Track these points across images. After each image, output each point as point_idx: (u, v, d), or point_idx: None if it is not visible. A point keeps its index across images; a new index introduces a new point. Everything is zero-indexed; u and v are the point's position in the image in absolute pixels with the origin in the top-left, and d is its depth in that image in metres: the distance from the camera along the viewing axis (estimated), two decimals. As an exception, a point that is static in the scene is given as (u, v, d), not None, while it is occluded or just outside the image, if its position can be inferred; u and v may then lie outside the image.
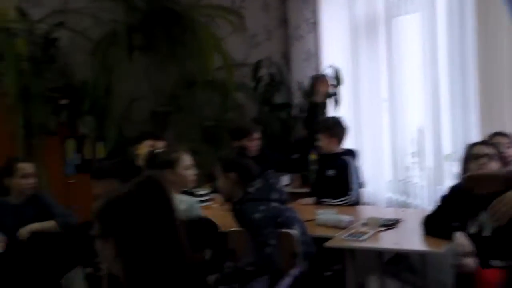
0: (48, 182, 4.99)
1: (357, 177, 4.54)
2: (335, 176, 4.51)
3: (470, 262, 3.05)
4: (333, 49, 5.88)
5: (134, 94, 6.25)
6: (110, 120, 5.93)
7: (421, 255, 3.63)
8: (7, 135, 5.40)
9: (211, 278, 3.35)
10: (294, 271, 3.37)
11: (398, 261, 4.04)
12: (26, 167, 4.02)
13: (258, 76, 6.39)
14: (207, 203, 4.57)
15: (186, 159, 3.78)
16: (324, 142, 4.62)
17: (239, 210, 3.50)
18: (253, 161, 3.67)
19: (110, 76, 6.00)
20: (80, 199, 4.80)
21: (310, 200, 4.58)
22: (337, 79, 5.51)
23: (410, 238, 3.56)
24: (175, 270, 1.67)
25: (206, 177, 4.58)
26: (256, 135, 4.88)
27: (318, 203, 4.50)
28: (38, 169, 4.21)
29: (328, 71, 5.58)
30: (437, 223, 3.37)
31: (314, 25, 6.08)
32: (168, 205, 1.69)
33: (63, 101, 6.06)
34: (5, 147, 5.23)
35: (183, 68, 6.19)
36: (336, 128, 4.63)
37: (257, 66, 6.35)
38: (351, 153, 4.66)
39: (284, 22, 6.57)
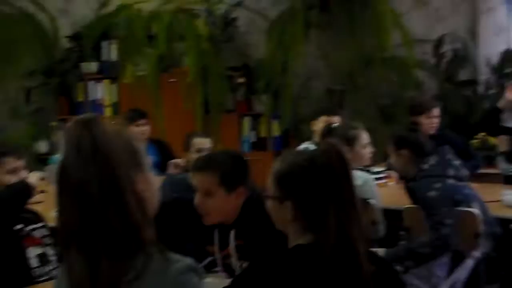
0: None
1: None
2: None
3: None
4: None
5: (309, 72, 6.37)
6: (285, 99, 6.08)
7: None
8: (187, 112, 5.74)
9: (381, 251, 3.33)
10: (477, 253, 3.24)
11: None
12: (202, 142, 4.10)
13: (441, 52, 6.25)
14: (382, 181, 4.55)
15: (364, 137, 3.82)
16: None
17: (412, 188, 3.46)
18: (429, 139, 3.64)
19: (286, 55, 6.14)
20: (255, 177, 4.98)
21: None
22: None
23: None
24: (351, 237, 1.73)
25: (381, 156, 4.56)
26: (435, 112, 4.66)
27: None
28: (215, 145, 4.36)
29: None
30: None
31: (506, -4, 5.80)
32: (348, 175, 1.76)
33: (240, 80, 6.32)
34: (185, 124, 5.56)
35: (360, 45, 6.22)
36: None
37: (439, 41, 6.21)
38: None
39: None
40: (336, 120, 4.44)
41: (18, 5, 6.63)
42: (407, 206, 3.49)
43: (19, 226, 2.77)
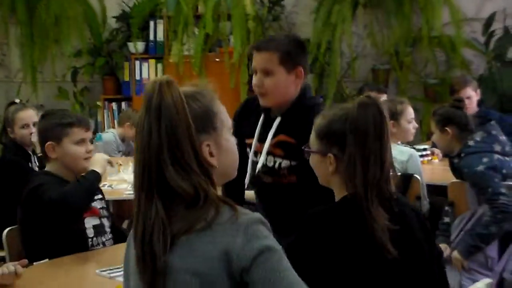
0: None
1: None
2: None
3: None
4: None
5: (355, 51, 6.44)
6: (330, 78, 6.14)
7: None
8: (232, 91, 5.85)
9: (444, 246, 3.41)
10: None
11: None
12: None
13: (491, 30, 6.22)
14: (426, 158, 4.61)
15: (410, 111, 3.92)
16: None
17: (459, 165, 3.50)
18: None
19: (333, 34, 6.18)
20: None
21: None
22: None
23: None
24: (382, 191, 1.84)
25: (426, 134, 4.76)
26: (465, 93, 4.59)
27: None
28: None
29: None
30: None
31: None
32: (381, 129, 1.83)
33: None
34: (230, 104, 5.57)
35: (408, 24, 6.23)
36: None
37: (489, 19, 6.17)
38: None
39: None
40: (382, 97, 4.48)
41: (68, -15, 6.80)
42: (452, 181, 3.56)
43: None
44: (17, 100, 5.12)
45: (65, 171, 2.87)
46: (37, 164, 4.52)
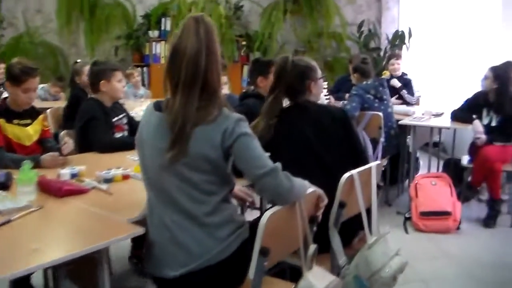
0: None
1: None
2: None
3: (482, 139, 4.43)
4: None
5: (284, 39, 8.63)
6: (269, 55, 8.15)
7: None
8: None
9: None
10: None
11: None
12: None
13: (361, 31, 8.52)
14: None
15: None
16: None
17: None
18: None
19: (272, 29, 8.38)
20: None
21: None
22: None
23: None
24: None
25: None
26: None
27: None
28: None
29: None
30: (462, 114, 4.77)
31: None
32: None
33: (243, 43, 8.53)
34: None
35: (315, 24, 8.50)
36: None
37: (361, 24, 8.52)
38: None
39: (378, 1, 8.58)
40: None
41: (113, -3, 8.70)
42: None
43: (115, 119, 3.48)
44: (79, 60, 6.27)
45: (107, 99, 3.41)
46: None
